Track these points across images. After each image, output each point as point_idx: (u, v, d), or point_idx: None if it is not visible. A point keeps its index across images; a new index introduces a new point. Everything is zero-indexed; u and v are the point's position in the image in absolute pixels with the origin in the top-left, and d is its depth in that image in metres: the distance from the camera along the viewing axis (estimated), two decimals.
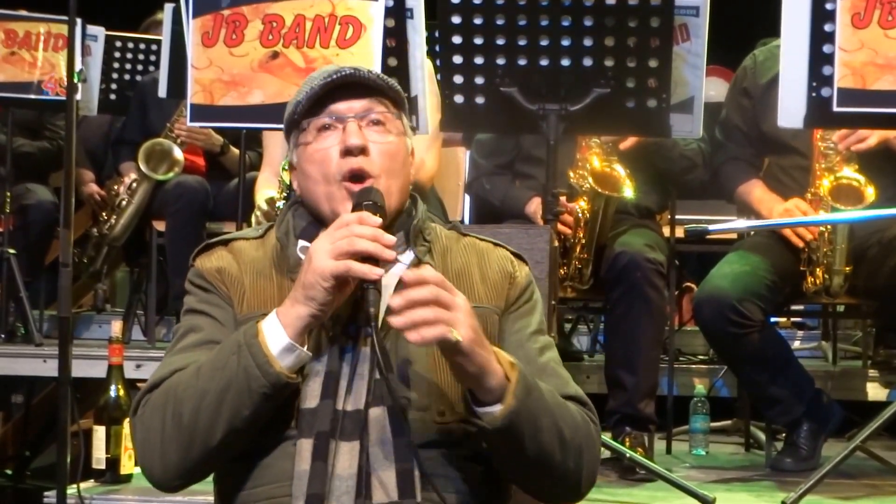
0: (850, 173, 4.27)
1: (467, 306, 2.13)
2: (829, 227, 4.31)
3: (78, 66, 4.17)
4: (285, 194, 5.28)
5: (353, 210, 2.25)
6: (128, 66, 6.50)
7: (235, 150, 5.97)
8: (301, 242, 2.35)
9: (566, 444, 2.23)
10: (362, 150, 2.30)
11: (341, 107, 2.34)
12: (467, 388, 2.17)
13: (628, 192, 4.39)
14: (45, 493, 3.85)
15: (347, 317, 2.26)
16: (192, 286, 2.39)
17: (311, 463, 2.14)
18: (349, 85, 2.34)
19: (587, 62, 3.89)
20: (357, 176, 2.31)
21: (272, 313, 2.21)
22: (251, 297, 2.33)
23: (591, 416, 2.34)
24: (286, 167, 5.13)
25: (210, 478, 2.37)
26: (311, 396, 2.21)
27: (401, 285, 2.14)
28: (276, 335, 2.18)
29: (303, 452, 2.17)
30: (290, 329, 2.18)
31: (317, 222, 2.36)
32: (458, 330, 2.09)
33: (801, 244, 4.36)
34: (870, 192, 4.21)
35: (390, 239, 2.18)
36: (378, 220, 2.20)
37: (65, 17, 4.45)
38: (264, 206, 5.36)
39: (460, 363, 2.12)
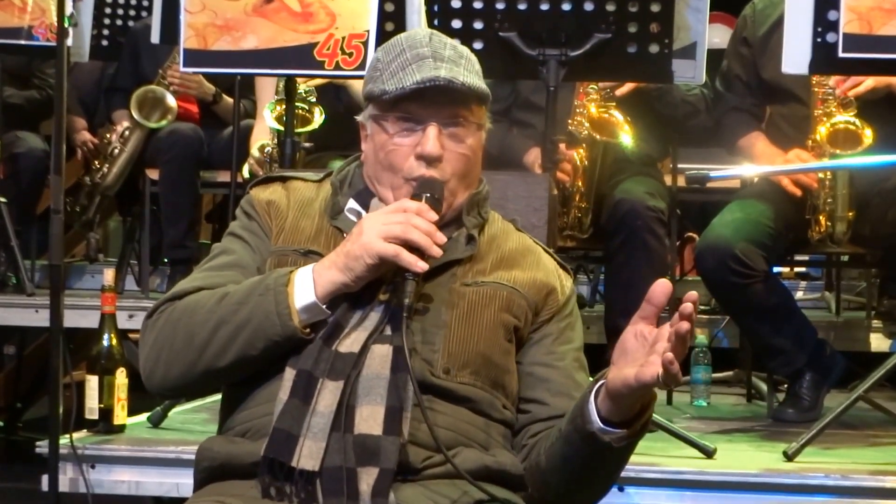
0: (846, 118, 4.24)
1: None
2: (828, 174, 4.28)
3: (69, 10, 4.10)
4: (275, 141, 5.25)
5: (413, 198, 2.31)
6: (120, 12, 6.42)
7: (228, 100, 5.93)
8: (352, 203, 2.42)
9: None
10: (437, 159, 2.34)
11: (424, 110, 2.34)
12: (612, 401, 2.16)
13: (626, 137, 4.35)
14: (37, 443, 3.83)
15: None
16: (240, 211, 2.48)
17: (288, 399, 2.21)
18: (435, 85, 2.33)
19: (588, 6, 3.86)
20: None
21: (308, 267, 2.28)
22: (289, 232, 2.41)
23: None
24: (272, 108, 5.11)
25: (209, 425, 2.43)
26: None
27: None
28: (305, 291, 2.26)
29: (285, 380, 2.23)
30: (320, 289, 2.26)
31: (370, 190, 2.42)
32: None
33: (798, 192, 4.32)
34: (867, 135, 4.20)
35: (442, 238, 2.27)
36: (435, 216, 2.27)
37: None
38: (256, 154, 5.33)
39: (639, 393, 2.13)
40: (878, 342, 5.51)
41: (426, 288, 2.32)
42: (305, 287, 2.26)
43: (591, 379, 2.37)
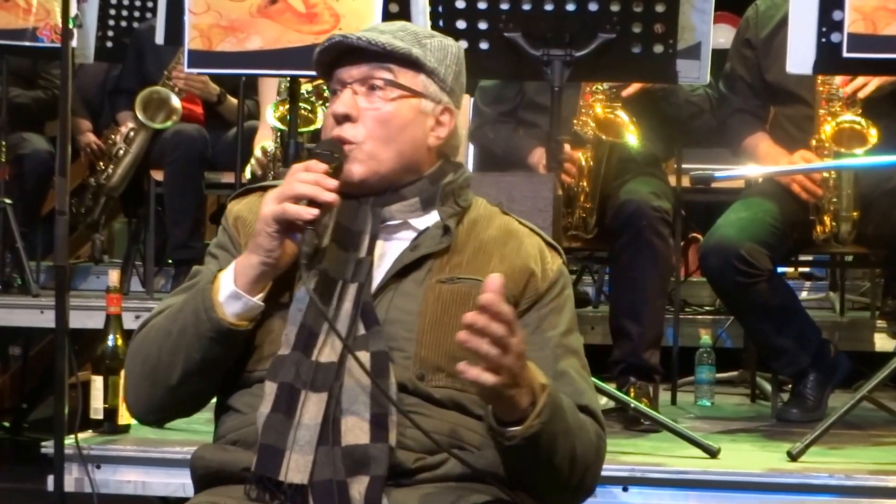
0: (851, 117, 4.25)
1: (520, 350, 2.05)
2: (833, 173, 4.28)
3: (73, 11, 4.11)
4: (278, 142, 5.27)
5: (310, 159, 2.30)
6: (124, 13, 6.44)
7: (233, 100, 5.93)
8: None
9: (576, 464, 2.24)
10: (347, 118, 2.31)
11: (342, 73, 2.35)
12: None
13: (631, 138, 4.35)
14: (43, 444, 3.83)
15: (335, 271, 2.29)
16: (220, 226, 2.47)
17: (271, 412, 2.19)
18: (357, 49, 2.33)
19: (592, 7, 3.85)
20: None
21: (234, 262, 2.29)
22: None
23: (600, 429, 2.34)
24: (275, 108, 5.13)
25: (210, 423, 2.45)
26: (287, 344, 2.24)
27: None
28: (227, 282, 2.25)
29: (266, 395, 2.21)
30: (239, 277, 2.25)
31: None
32: (501, 373, 2.03)
33: (812, 200, 4.32)
34: (872, 134, 4.20)
35: (331, 183, 2.23)
36: (323, 166, 2.24)
37: None
38: (259, 155, 5.35)
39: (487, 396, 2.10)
40: (882, 342, 5.52)
41: (402, 287, 2.29)
42: (227, 279, 2.25)
43: (578, 364, 2.35)
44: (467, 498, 2.18)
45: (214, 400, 2.41)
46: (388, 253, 2.33)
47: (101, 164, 6.16)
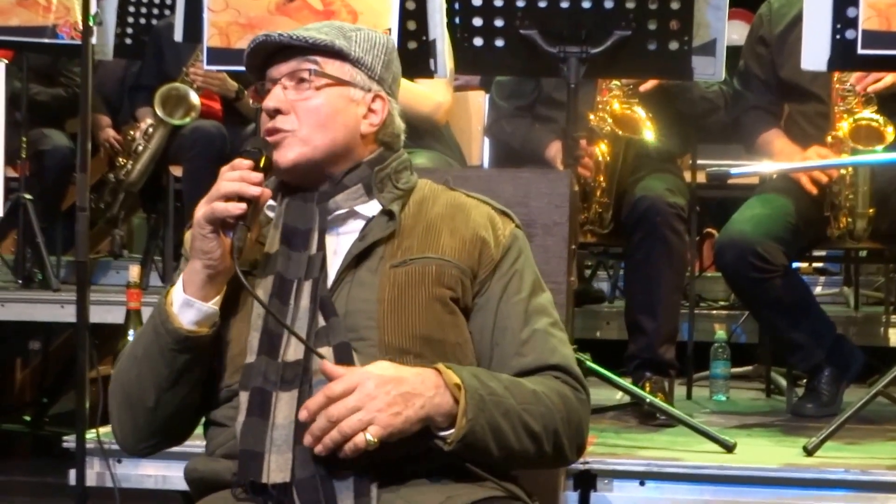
0: (869, 114, 4.25)
1: (371, 392, 2.11)
2: (850, 169, 4.28)
3: (93, 9, 4.14)
4: None
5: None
6: (143, 10, 6.46)
7: None
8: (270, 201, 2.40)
9: (538, 436, 2.26)
10: (278, 111, 2.36)
11: (272, 71, 2.40)
12: None
13: (648, 134, 4.36)
14: (64, 438, 3.86)
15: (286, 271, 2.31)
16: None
17: (246, 418, 2.21)
18: (284, 49, 2.38)
19: (608, 4, 3.86)
20: (272, 135, 2.37)
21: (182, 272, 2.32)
22: None
23: (571, 387, 2.34)
24: None
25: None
26: (252, 350, 2.26)
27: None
28: (178, 292, 2.28)
29: (241, 405, 2.23)
30: (188, 285, 2.27)
31: (282, 182, 2.42)
32: (372, 427, 2.09)
33: (815, 190, 4.32)
34: (889, 132, 4.19)
35: (256, 177, 2.26)
36: (247, 162, 2.28)
37: None
38: None
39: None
40: None
41: (357, 277, 2.31)
42: (178, 289, 2.28)
43: (548, 322, 2.37)
44: (456, 498, 2.18)
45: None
46: (340, 246, 2.35)
47: (121, 159, 6.18)
